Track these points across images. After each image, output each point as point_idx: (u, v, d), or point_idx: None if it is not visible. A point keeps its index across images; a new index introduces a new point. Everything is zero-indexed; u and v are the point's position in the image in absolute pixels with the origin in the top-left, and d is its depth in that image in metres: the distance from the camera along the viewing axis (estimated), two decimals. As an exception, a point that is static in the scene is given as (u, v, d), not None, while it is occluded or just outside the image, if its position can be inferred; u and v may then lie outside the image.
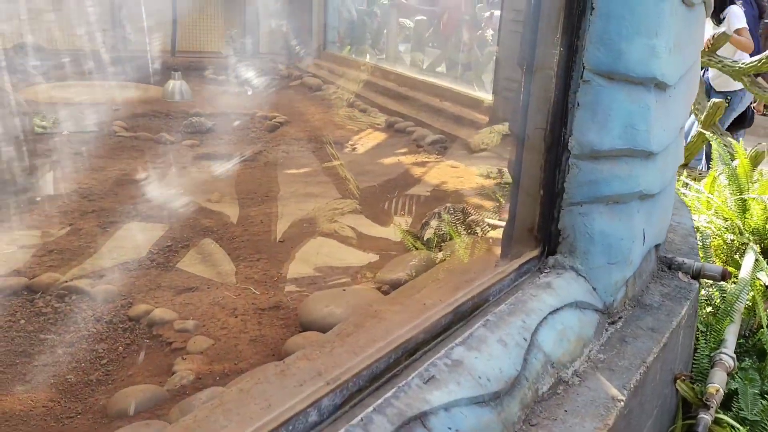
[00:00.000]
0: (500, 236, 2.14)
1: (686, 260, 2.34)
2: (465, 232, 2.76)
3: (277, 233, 3.24)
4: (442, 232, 2.85)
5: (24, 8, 7.72)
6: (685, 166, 4.88)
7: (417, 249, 2.93)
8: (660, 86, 1.88)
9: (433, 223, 2.91)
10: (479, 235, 2.70)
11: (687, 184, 4.47)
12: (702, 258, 2.79)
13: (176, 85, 6.14)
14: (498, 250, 2.18)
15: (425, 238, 2.92)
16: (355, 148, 5.06)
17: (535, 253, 2.01)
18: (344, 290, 2.28)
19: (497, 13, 6.69)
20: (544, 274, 1.96)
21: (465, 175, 4.07)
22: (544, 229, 2.01)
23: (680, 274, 2.32)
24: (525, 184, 2.03)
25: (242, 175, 4.32)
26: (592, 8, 1.78)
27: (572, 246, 1.97)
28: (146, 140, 4.97)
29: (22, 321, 2.31)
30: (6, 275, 2.60)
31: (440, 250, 2.72)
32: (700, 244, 2.78)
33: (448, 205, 2.96)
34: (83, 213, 3.40)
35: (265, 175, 4.33)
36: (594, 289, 1.97)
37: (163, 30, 7.69)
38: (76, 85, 7.00)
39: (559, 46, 1.83)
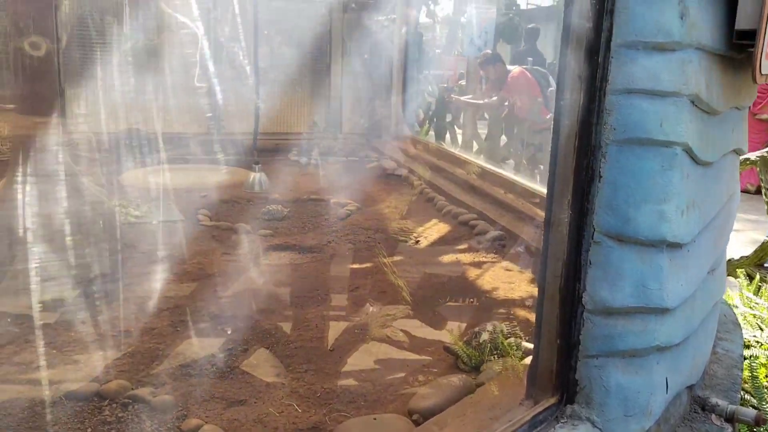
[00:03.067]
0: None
1: (720, 402, 2.30)
2: (505, 354, 2.82)
3: (328, 341, 3.40)
4: (482, 351, 2.92)
5: (123, 95, 8.52)
6: (760, 266, 4.68)
7: (464, 360, 3.00)
8: (673, 246, 1.93)
9: (474, 342, 2.98)
10: (517, 359, 2.75)
11: (760, 287, 4.29)
12: (751, 391, 2.71)
13: (256, 177, 6.55)
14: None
15: (467, 356, 2.99)
16: (418, 241, 5.21)
17: (553, 401, 2.06)
18: (375, 419, 2.40)
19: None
20: (560, 424, 2.00)
21: (517, 280, 4.12)
22: (562, 377, 2.06)
23: (713, 417, 2.28)
24: (545, 330, 2.10)
25: (308, 268, 4.54)
26: (600, 176, 1.87)
27: (589, 397, 2.01)
28: (226, 230, 5.32)
29: (89, 430, 2.56)
30: (84, 381, 2.89)
31: (478, 373, 2.78)
32: (748, 373, 2.70)
33: (487, 324, 3.03)
34: (159, 311, 3.71)
35: (329, 269, 4.54)
36: (610, 441, 1.98)
37: (250, 114, 8.23)
38: (172, 169, 7.60)
39: (569, 209, 1.93)
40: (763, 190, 4.84)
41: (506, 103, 6.99)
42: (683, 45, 1.76)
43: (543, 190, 5.21)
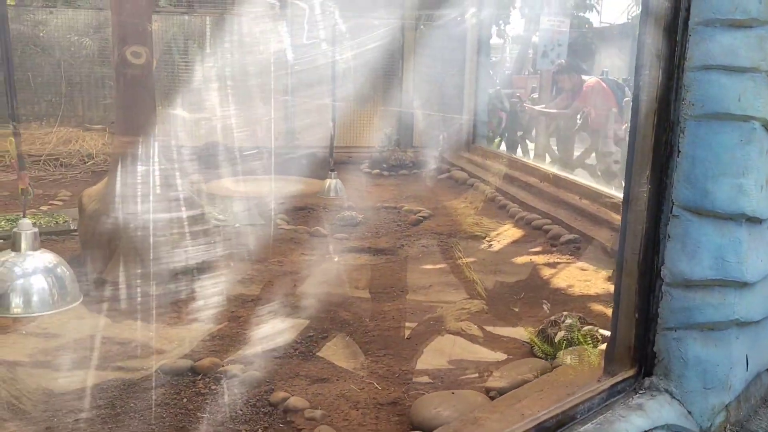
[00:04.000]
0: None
1: (805, 388, 2.29)
2: (580, 342, 2.87)
3: (405, 330, 3.53)
4: (558, 340, 2.98)
5: (210, 113, 8.99)
6: None
7: (538, 354, 3.07)
8: (752, 221, 1.97)
9: (551, 330, 3.04)
10: (593, 345, 2.80)
11: None
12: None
13: (332, 183, 6.81)
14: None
15: (544, 345, 3.06)
16: (491, 244, 5.29)
17: (632, 372, 2.12)
18: (453, 393, 2.50)
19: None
20: (638, 395, 2.06)
21: (593, 278, 4.14)
22: (640, 350, 2.12)
23: (798, 402, 2.27)
24: (623, 306, 2.17)
25: (383, 269, 4.70)
26: (679, 151, 1.95)
27: (667, 369, 2.06)
28: (303, 233, 5.55)
29: (185, 400, 2.77)
30: (177, 357, 3.12)
31: (554, 359, 2.85)
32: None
33: (565, 313, 3.08)
34: (244, 301, 3.93)
35: (403, 269, 4.68)
36: (689, 412, 2.02)
37: (325, 128, 8.55)
38: (251, 179, 7.95)
39: (648, 184, 2.01)
40: None
41: (581, 113, 6.99)
42: (761, 21, 1.83)
43: (620, 195, 5.20)
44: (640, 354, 2.10)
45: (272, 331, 3.53)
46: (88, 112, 9.44)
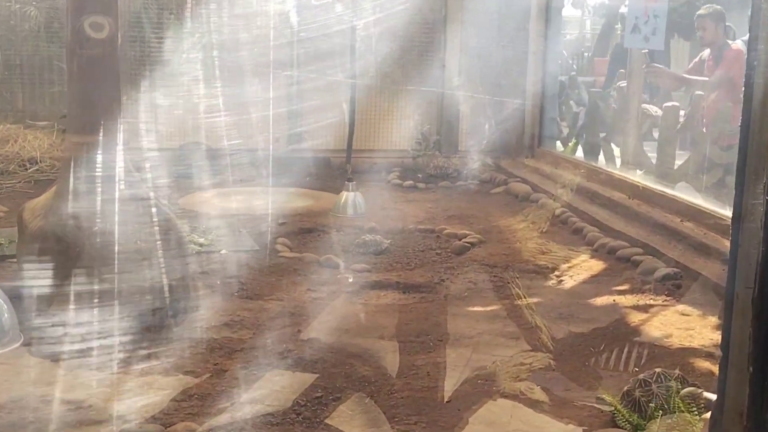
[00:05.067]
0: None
1: None
2: (679, 409, 2.89)
3: (444, 391, 3.57)
4: (650, 407, 3.00)
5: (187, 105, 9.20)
6: None
7: (623, 425, 3.08)
8: None
9: (640, 393, 3.06)
10: (696, 413, 2.81)
11: None
12: None
13: (349, 197, 6.89)
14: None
15: (631, 413, 3.07)
16: (561, 280, 5.31)
17: (745, 448, 2.14)
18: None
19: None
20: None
21: (698, 326, 4.14)
22: (755, 416, 2.14)
23: None
24: (734, 357, 2.20)
25: (416, 310, 4.75)
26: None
27: (793, 442, 2.07)
28: (311, 263, 5.64)
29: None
30: (143, 421, 3.20)
31: None
32: None
33: (659, 371, 3.10)
34: (230, 351, 4.01)
35: (443, 312, 4.73)
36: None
37: (340, 126, 8.68)
38: (241, 191, 8.10)
39: (766, 194, 2.04)
40: None
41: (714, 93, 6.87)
42: None
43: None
44: (755, 421, 2.12)
45: (267, 389, 3.59)
46: (31, 104, 9.70)
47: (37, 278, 4.05)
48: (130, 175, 4.46)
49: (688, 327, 4.16)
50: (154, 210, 4.40)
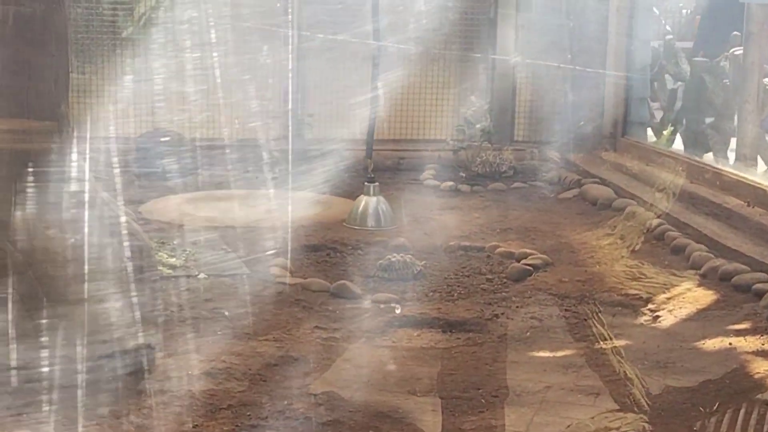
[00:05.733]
0: None
1: None
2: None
3: (504, 464, 3.56)
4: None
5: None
6: None
7: None
8: None
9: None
10: None
11: None
12: None
13: (370, 204, 6.89)
14: None
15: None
16: (658, 316, 5.29)
17: None
18: None
19: None
20: None
21: None
22: None
23: None
24: None
25: (461, 356, 4.75)
26: None
27: None
28: (319, 291, 5.65)
29: None
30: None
31: None
32: None
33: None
34: (214, 409, 4.03)
35: (498, 358, 4.72)
36: None
37: (357, 109, 8.68)
38: (221, 196, 8.14)
39: None
40: None
41: None
42: None
43: None
44: None
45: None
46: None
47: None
48: (79, 171, 4.48)
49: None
50: (113, 219, 4.42)
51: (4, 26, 4.33)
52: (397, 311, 5.35)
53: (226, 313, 5.24)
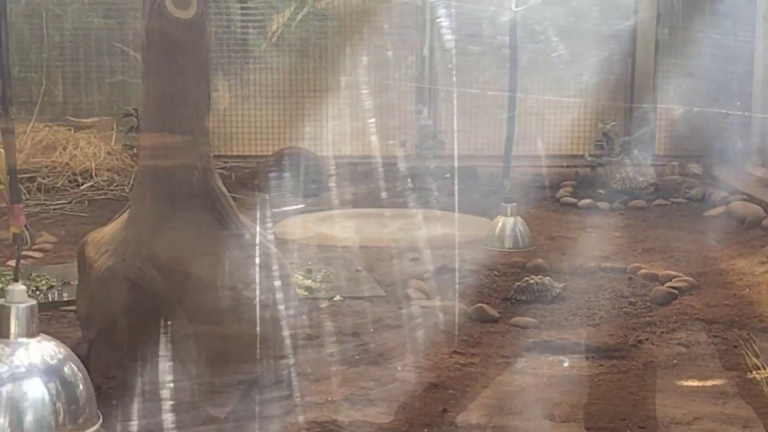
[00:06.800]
0: None
1: None
2: None
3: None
4: None
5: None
6: None
7: None
8: None
9: None
10: None
11: None
12: None
13: (507, 224, 6.90)
14: None
15: None
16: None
17: None
18: None
19: None
20: None
21: None
22: None
23: None
24: None
25: (605, 384, 4.71)
26: None
27: None
28: (456, 315, 5.67)
29: None
30: None
31: None
32: None
33: None
34: (355, 434, 4.10)
35: (644, 386, 4.67)
36: None
37: (490, 125, 8.73)
38: (356, 214, 8.26)
39: None
40: None
41: None
42: None
43: None
44: None
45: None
46: (74, 96, 10.13)
47: (108, 337, 4.24)
48: (218, 195, 4.62)
49: None
50: (253, 244, 4.54)
51: (149, 51, 4.54)
52: (510, 339, 5.35)
53: (363, 337, 5.32)
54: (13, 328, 2.97)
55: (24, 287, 3.02)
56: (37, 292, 5.65)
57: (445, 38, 9.73)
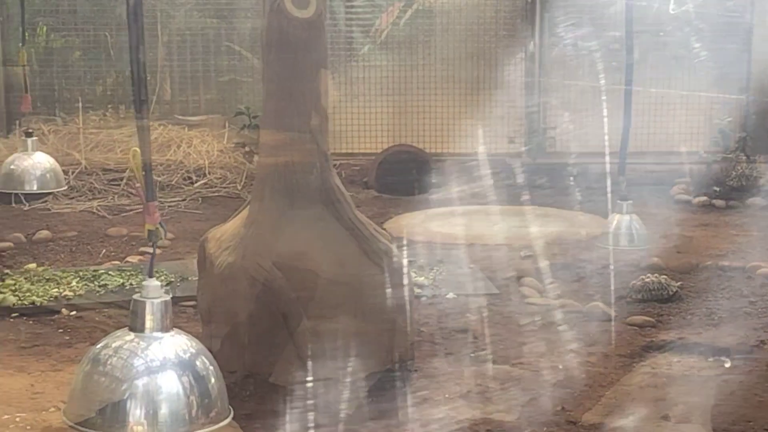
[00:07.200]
0: None
1: None
2: None
3: None
4: None
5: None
6: None
7: None
8: None
9: None
10: None
11: None
12: None
13: (623, 221, 6.84)
14: None
15: None
16: None
17: None
18: None
19: None
20: None
21: None
22: None
23: None
24: None
25: (727, 385, 4.64)
26: None
27: None
28: (571, 313, 5.66)
29: None
30: None
31: None
32: None
33: None
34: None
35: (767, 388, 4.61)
36: None
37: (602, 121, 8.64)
38: (464, 212, 8.27)
39: None
40: None
41: None
42: None
43: None
44: None
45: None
46: (181, 94, 10.34)
47: (230, 332, 4.35)
48: (337, 193, 4.69)
49: None
50: (370, 242, 4.60)
51: (269, 51, 4.62)
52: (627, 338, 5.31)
53: (477, 335, 5.33)
54: (149, 322, 3.06)
55: (158, 283, 3.11)
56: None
57: (556, 31, 9.71)
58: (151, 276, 3.15)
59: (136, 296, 3.07)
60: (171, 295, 3.17)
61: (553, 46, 9.94)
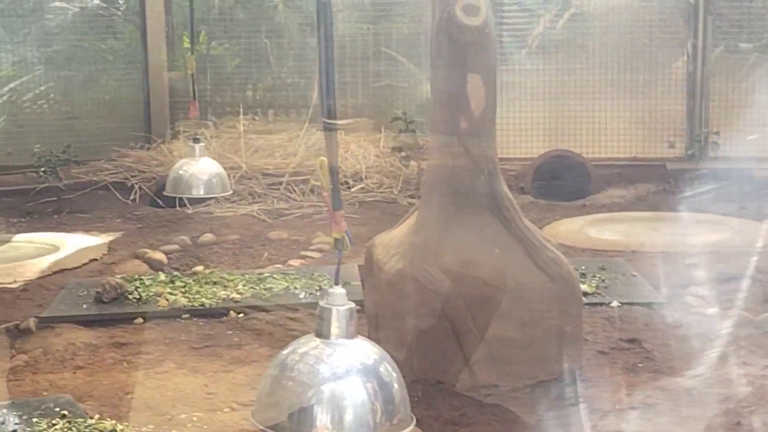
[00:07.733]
0: None
1: None
2: None
3: None
4: None
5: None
6: None
7: None
8: None
9: None
10: None
11: None
12: None
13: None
14: None
15: None
16: None
17: None
18: None
19: None
20: None
21: None
22: None
23: None
24: None
25: None
26: None
27: None
28: (740, 325, 5.52)
29: None
30: None
31: None
32: None
33: None
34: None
35: None
36: None
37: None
38: (623, 219, 8.19)
39: None
40: None
41: None
42: None
43: None
44: None
45: None
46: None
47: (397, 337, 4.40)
48: (504, 199, 4.71)
49: None
50: (538, 249, 4.60)
51: (438, 58, 4.66)
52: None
53: (644, 345, 5.26)
54: (334, 329, 3.11)
55: (344, 290, 3.16)
56: (320, 292, 5.85)
57: (720, 33, 9.54)
58: (337, 283, 3.21)
59: (322, 303, 3.14)
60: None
61: (716, 47, 9.73)
